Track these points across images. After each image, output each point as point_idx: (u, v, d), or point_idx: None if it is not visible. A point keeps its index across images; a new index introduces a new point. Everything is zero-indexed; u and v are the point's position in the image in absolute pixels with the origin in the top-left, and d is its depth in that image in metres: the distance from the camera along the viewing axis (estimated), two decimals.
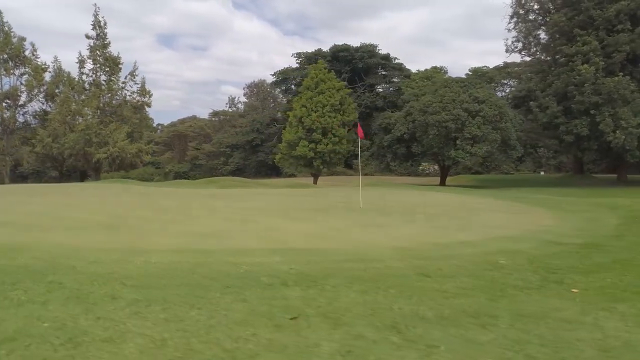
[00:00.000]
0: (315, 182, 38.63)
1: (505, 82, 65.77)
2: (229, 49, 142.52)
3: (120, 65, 38.65)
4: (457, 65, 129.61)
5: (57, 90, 40.25)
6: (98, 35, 38.34)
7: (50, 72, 41.32)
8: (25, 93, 41.13)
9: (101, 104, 37.03)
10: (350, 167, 63.83)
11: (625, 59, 30.81)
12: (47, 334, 3.12)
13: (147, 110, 42.43)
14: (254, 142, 68.91)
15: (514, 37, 45.84)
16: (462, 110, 31.33)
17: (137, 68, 40.29)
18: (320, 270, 4.97)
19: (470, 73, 62.06)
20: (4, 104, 40.34)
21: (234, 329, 3.27)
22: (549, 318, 3.61)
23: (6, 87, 40.58)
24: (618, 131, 28.84)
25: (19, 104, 41.32)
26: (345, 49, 64.06)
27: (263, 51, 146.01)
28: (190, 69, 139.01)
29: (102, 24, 38.24)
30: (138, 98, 39.64)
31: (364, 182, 38.98)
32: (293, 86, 70.09)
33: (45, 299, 3.96)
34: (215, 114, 75.09)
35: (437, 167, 60.01)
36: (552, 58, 35.60)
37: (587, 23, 32.17)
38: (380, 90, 67.67)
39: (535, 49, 46.32)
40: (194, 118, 77.32)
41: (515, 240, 7.33)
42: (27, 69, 40.61)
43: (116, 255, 5.76)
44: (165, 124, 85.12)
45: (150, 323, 3.39)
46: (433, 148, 33.11)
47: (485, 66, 63.30)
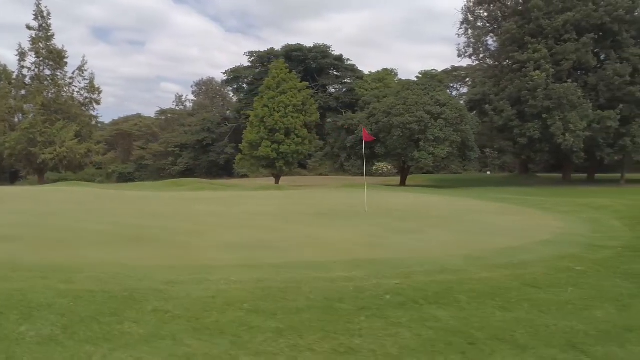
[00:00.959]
0: (277, 183, 38.14)
1: (452, 85, 68.43)
2: (169, 45, 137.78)
3: (65, 59, 36.04)
4: (399, 67, 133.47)
5: None
6: (41, 26, 35.50)
7: None
8: None
9: (46, 101, 34.29)
10: (304, 168, 63.77)
11: (572, 67, 33.07)
12: None
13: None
14: (205, 142, 66.94)
15: (464, 43, 47.88)
16: (425, 113, 32.17)
17: (87, 62, 37.81)
18: (428, 284, 4.79)
19: (420, 76, 64.00)
20: None
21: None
22: None
23: None
24: (567, 134, 30.86)
25: None
26: (298, 48, 63.80)
27: (205, 48, 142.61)
28: (127, 65, 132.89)
29: (46, 14, 35.47)
30: (87, 95, 37.16)
31: (331, 183, 39.00)
32: (245, 85, 68.94)
33: (171, 332, 3.49)
34: (162, 112, 72.12)
35: (391, 168, 61.57)
36: (505, 64, 37.44)
37: (537, 32, 34.16)
38: (333, 91, 68.13)
39: (483, 55, 48.60)
40: (139, 116, 73.81)
41: (557, 244, 7.54)
42: None
43: (186, 274, 5.25)
44: (106, 122, 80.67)
45: (323, 357, 3.06)
46: (397, 149, 33.71)
47: (434, 69, 65.51)
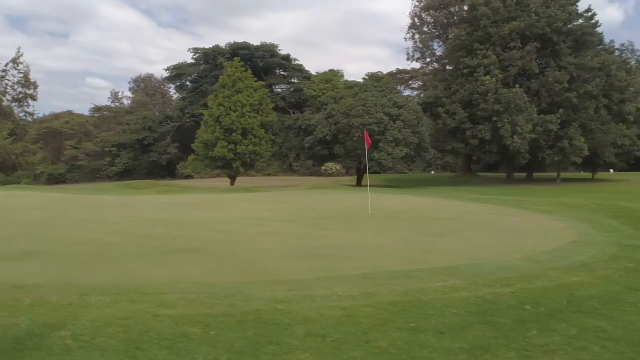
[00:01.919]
0: (232, 184, 37.12)
1: (396, 88, 70.37)
2: (95, 38, 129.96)
3: None
4: (336, 68, 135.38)
5: None
6: None
7: None
8: None
9: None
10: (251, 168, 62.72)
11: (518, 73, 35.24)
12: None
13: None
14: (145, 141, 63.77)
15: (412, 47, 49.58)
16: (384, 114, 32.81)
17: (22, 54, 34.47)
18: (545, 292, 4.80)
19: (367, 77, 65.18)
20: None
21: None
22: None
23: None
24: (515, 136, 32.86)
25: None
26: (245, 47, 62.62)
27: (136, 42, 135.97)
28: (48, 57, 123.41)
29: None
30: (21, 90, 33.95)
31: (289, 184, 38.58)
32: (188, 83, 66.55)
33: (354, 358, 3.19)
34: (97, 109, 67.62)
35: (340, 168, 62.20)
36: (455, 68, 39.11)
37: (485, 39, 36.05)
38: (280, 90, 67.66)
39: (430, 59, 50.55)
40: (70, 113, 68.71)
41: (592, 245, 7.90)
42: None
43: (282, 290, 4.87)
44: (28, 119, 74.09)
45: None
46: (357, 150, 34.05)
47: (380, 71, 66.99)
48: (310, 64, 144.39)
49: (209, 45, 64.16)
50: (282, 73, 66.76)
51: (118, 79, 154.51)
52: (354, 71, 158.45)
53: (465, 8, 46.22)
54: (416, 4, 48.95)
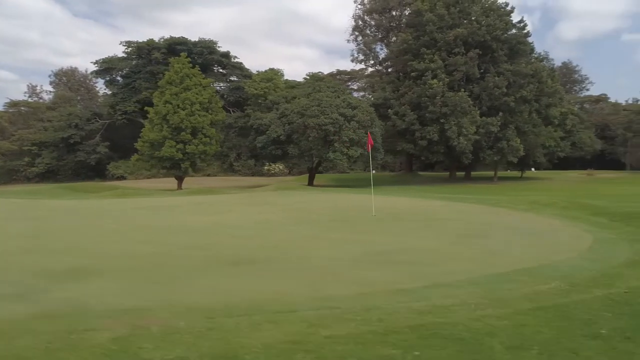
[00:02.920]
0: (179, 187, 35.49)
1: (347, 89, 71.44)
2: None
3: None
4: (266, 66, 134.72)
5: None
6: None
7: None
8: None
9: None
10: (200, 168, 60.46)
11: (462, 78, 37.16)
12: None
13: None
14: (71, 140, 58.93)
15: (356, 49, 50.55)
16: (339, 115, 33.08)
17: None
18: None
19: (308, 77, 65.37)
20: None
21: None
22: None
23: None
24: (461, 137, 34.67)
25: None
26: (182, 42, 60.09)
27: (48, 32, 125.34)
28: None
29: None
30: None
31: (240, 184, 37.58)
32: (119, 78, 62.54)
33: None
34: (13, 104, 61.32)
35: (283, 168, 61.81)
36: (402, 71, 40.37)
37: (431, 44, 37.62)
38: (218, 88, 65.73)
39: (373, 62, 51.83)
40: None
41: (616, 242, 8.54)
42: None
43: (416, 301, 4.72)
44: None
45: None
46: (311, 150, 34.03)
47: (320, 72, 67.51)
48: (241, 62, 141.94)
49: (133, 39, 60.79)
50: (221, 71, 64.93)
51: (28, 71, 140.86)
52: (286, 71, 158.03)
53: (407, 12, 48.01)
54: (359, 7, 50.00)
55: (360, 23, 50.38)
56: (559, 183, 38.81)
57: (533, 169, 56.36)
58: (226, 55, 63.54)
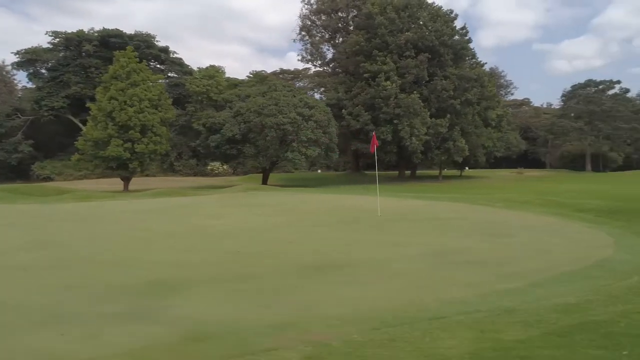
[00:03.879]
0: (126, 188, 33.39)
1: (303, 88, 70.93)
2: None
3: None
4: (195, 63, 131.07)
5: None
6: None
7: None
8: None
9: None
10: (125, 169, 57.02)
11: (413, 80, 38.43)
12: None
13: None
14: None
15: (302, 49, 50.66)
16: (297, 114, 32.89)
17: None
18: None
19: (251, 76, 64.33)
20: None
21: None
22: None
23: None
24: (413, 137, 35.91)
25: None
26: (117, 34, 56.56)
27: None
28: None
29: None
30: None
31: (184, 185, 36.04)
32: (44, 71, 57.48)
33: None
34: None
35: (226, 167, 60.25)
36: (354, 72, 40.92)
37: (383, 46, 38.55)
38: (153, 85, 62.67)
39: (320, 62, 52.20)
40: None
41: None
42: None
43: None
44: None
45: None
46: (269, 149, 33.52)
47: (264, 70, 66.71)
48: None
49: (49, 29, 56.36)
50: (160, 66, 61.90)
51: None
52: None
53: (352, 14, 48.85)
54: (306, 7, 50.06)
55: (308, 23, 50.46)
56: (498, 181, 41.49)
57: (467, 168, 59.86)
58: (165, 50, 60.76)
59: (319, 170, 63.37)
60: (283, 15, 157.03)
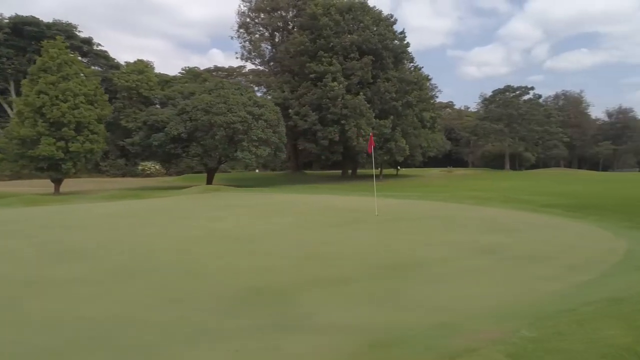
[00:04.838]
0: (57, 191, 30.56)
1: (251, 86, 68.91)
2: None
3: None
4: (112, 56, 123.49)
5: None
6: None
7: None
8: None
9: None
10: (45, 170, 52.19)
11: (358, 82, 39.23)
12: None
13: None
14: None
15: (240, 46, 49.73)
16: (247, 113, 32.22)
17: None
18: None
19: (184, 72, 61.80)
20: None
21: None
22: None
23: None
24: (360, 138, 36.71)
25: None
26: (32, 22, 51.67)
27: None
28: None
29: None
30: None
31: (110, 185, 33.77)
32: None
33: None
34: None
35: (159, 167, 57.34)
36: (299, 72, 40.87)
37: (328, 48, 38.96)
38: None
39: (260, 60, 51.61)
40: None
41: None
42: None
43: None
44: None
45: None
46: (217, 148, 32.47)
47: (197, 67, 64.36)
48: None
49: None
50: (82, 59, 57.28)
51: None
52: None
53: (292, 14, 48.85)
54: (245, 4, 49.18)
55: (248, 20, 49.60)
56: (435, 179, 43.73)
57: (399, 167, 62.44)
58: (88, 41, 56.60)
59: (257, 170, 62.47)
60: (206, 9, 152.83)
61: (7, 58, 50.32)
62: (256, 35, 50.29)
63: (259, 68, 53.73)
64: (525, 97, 64.24)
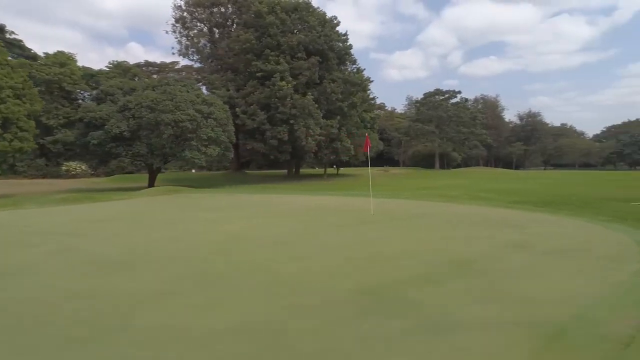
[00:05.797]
0: None
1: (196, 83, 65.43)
2: None
3: None
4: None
5: None
6: None
7: None
8: None
9: None
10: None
11: (305, 82, 39.28)
12: None
13: None
14: None
15: (177, 41, 47.89)
16: (195, 111, 31.02)
17: None
18: None
19: (111, 66, 57.92)
20: None
21: None
22: None
23: None
24: (309, 138, 36.86)
25: None
26: None
27: None
28: None
29: None
30: None
31: (40, 188, 30.99)
32: None
33: None
34: None
35: (85, 168, 53.20)
36: (244, 70, 40.04)
37: (275, 46, 38.62)
38: None
39: (198, 57, 49.98)
40: None
41: None
42: None
43: None
44: None
45: None
46: (165, 148, 30.89)
47: (126, 61, 60.64)
48: None
49: None
50: None
51: None
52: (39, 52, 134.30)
53: (230, 10, 47.89)
54: None
55: (185, 15, 47.75)
56: (376, 178, 44.84)
57: (335, 166, 63.59)
58: (0, 29, 50.97)
59: (193, 170, 60.19)
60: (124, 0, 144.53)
61: None
62: (194, 31, 48.57)
63: (195, 65, 51.87)
64: (453, 101, 68.42)
